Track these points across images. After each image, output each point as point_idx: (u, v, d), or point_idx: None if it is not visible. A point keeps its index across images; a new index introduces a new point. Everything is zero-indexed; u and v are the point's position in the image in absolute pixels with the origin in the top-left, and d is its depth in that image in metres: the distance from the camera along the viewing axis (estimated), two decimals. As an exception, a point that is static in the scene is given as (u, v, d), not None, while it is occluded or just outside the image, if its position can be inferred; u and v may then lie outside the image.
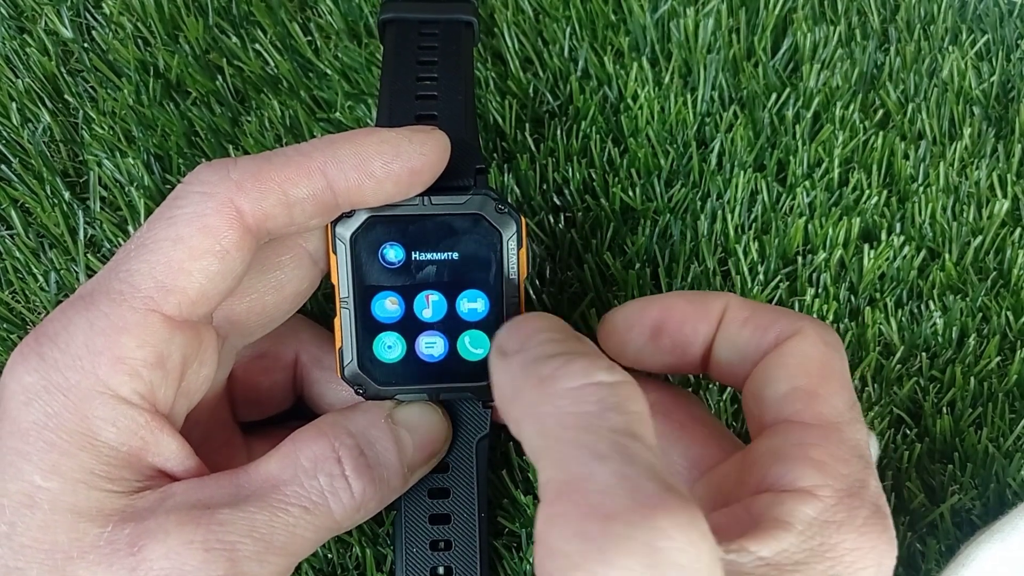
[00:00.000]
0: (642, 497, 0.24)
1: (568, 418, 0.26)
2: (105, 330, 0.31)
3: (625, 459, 0.25)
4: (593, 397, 0.27)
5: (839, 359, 0.31)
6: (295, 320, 0.40)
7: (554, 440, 0.26)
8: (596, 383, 0.27)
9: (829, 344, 0.31)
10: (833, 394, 0.30)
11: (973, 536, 0.41)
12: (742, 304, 0.33)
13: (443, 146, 0.35)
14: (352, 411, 0.36)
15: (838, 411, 0.30)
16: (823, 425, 0.30)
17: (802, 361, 0.31)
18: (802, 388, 0.30)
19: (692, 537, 0.23)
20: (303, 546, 0.33)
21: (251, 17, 0.53)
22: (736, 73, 0.53)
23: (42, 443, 0.31)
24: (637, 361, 0.35)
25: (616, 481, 0.24)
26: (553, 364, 0.28)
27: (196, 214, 0.32)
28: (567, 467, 0.25)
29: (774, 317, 0.32)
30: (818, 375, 0.31)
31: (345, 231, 0.36)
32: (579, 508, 0.24)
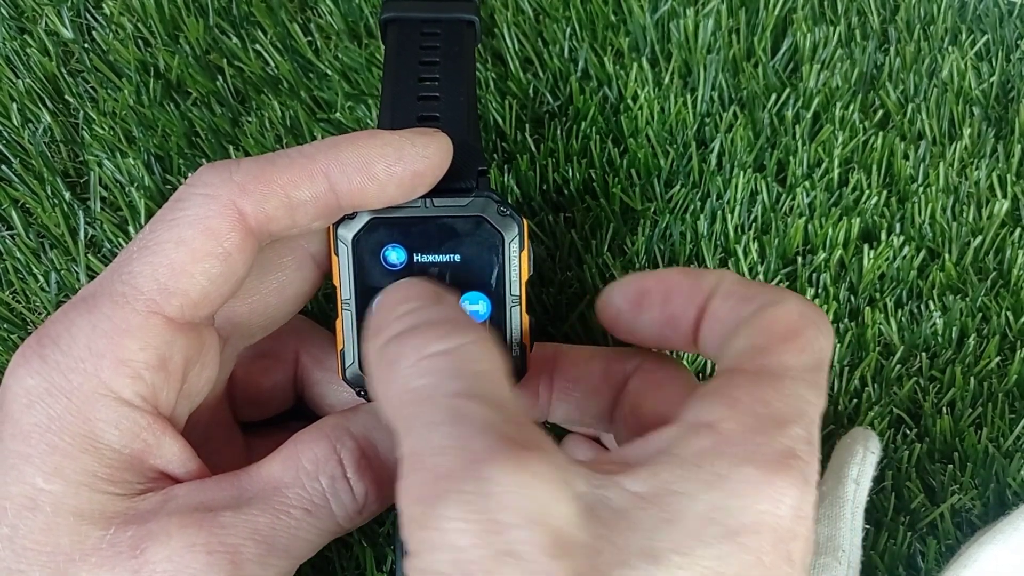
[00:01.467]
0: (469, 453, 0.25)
1: (407, 394, 0.28)
2: (107, 332, 0.31)
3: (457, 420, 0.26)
4: (429, 368, 0.28)
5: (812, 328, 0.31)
6: (296, 321, 0.40)
7: (400, 417, 0.28)
8: (430, 355, 0.28)
9: (805, 315, 0.31)
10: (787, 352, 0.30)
11: (974, 537, 0.41)
12: (735, 279, 0.33)
13: (446, 149, 0.35)
14: (353, 412, 0.36)
15: (785, 366, 0.29)
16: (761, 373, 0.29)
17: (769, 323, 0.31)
18: (757, 345, 0.30)
19: (521, 478, 0.25)
20: (305, 548, 0.33)
21: (251, 18, 0.53)
22: (736, 73, 0.53)
23: (44, 445, 0.31)
24: (630, 333, 0.35)
25: (448, 443, 0.26)
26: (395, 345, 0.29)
27: (198, 216, 0.32)
28: (409, 440, 0.27)
29: (760, 290, 0.32)
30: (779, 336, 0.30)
31: (347, 233, 0.36)
32: (419, 475, 0.26)
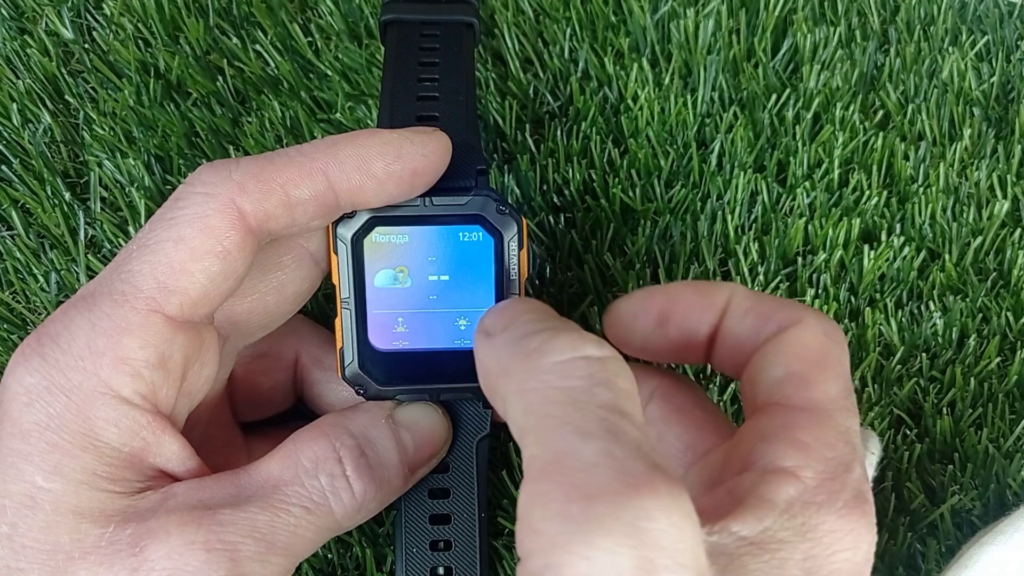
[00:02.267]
0: (627, 477, 0.23)
1: (554, 393, 0.26)
2: (107, 331, 0.31)
3: (611, 437, 0.25)
4: (581, 372, 0.26)
5: (838, 349, 0.31)
6: (296, 320, 0.40)
7: (539, 416, 0.26)
8: (584, 357, 0.27)
9: (829, 335, 0.31)
10: (826, 381, 0.30)
11: (975, 537, 0.41)
12: (746, 294, 0.33)
13: (444, 147, 0.35)
14: (353, 411, 0.36)
15: (830, 397, 0.30)
16: (812, 409, 0.29)
17: (800, 348, 0.31)
18: (796, 373, 0.30)
19: (676, 518, 0.23)
20: (304, 546, 0.33)
21: (251, 18, 0.53)
22: (736, 74, 0.53)
23: (44, 444, 0.31)
24: (642, 350, 0.35)
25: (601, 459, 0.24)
26: (540, 338, 0.28)
27: (198, 215, 0.32)
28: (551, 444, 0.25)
29: (777, 307, 0.32)
30: (814, 362, 0.30)
31: (346, 232, 0.36)
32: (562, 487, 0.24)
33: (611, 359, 0.27)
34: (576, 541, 0.23)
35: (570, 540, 0.23)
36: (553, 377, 0.26)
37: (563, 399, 0.26)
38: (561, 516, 0.23)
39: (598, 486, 0.23)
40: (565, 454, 0.24)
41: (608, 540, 0.22)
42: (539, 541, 0.23)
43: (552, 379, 0.26)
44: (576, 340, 0.27)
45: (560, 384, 0.26)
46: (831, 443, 0.29)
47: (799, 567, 0.27)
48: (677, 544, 0.23)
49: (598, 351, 0.27)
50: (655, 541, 0.23)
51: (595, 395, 0.26)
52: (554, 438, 0.25)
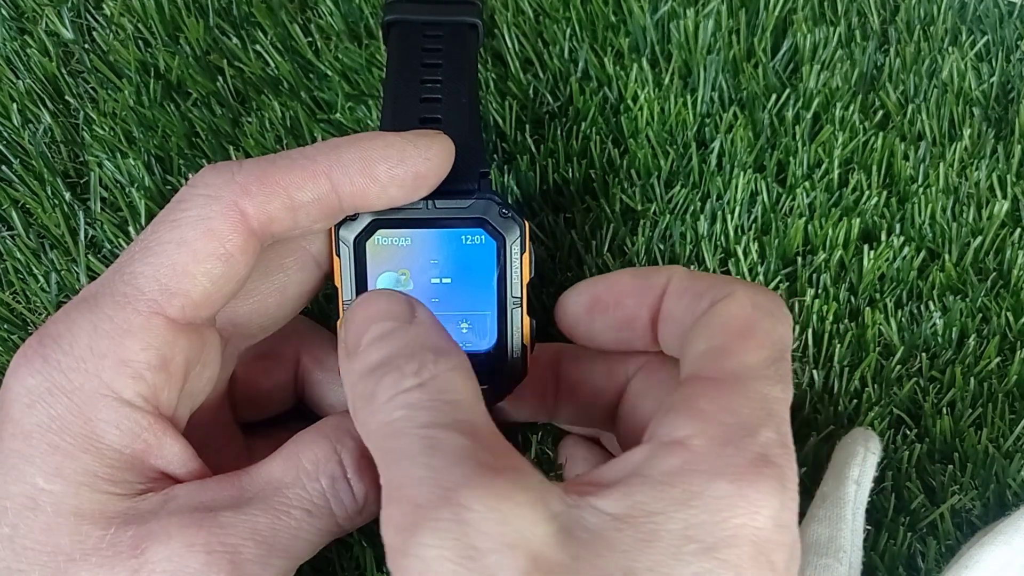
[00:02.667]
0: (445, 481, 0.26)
1: (384, 428, 0.29)
2: (109, 333, 0.31)
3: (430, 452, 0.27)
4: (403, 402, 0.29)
5: (767, 320, 0.31)
6: (297, 321, 0.40)
7: (379, 450, 0.29)
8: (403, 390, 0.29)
9: (758, 306, 0.31)
10: (746, 351, 0.30)
11: (975, 538, 0.41)
12: (684, 274, 0.34)
13: (447, 151, 0.35)
14: None
15: (746, 366, 0.30)
16: (723, 379, 0.29)
17: (722, 321, 0.31)
18: (716, 346, 0.30)
19: (495, 503, 0.25)
20: (305, 548, 0.33)
21: (252, 18, 0.53)
22: (736, 74, 0.53)
23: (45, 445, 0.31)
24: (589, 339, 0.36)
25: (424, 473, 0.27)
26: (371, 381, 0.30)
27: (200, 217, 0.32)
28: (388, 472, 0.28)
29: (710, 284, 0.33)
30: (735, 333, 0.30)
31: (349, 234, 0.36)
32: (398, 505, 0.27)
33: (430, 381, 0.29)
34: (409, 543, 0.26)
35: (405, 545, 0.26)
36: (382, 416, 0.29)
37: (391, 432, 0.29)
38: (399, 529, 0.26)
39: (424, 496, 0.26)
40: (398, 478, 0.27)
41: (432, 538, 0.25)
42: (390, 555, 0.27)
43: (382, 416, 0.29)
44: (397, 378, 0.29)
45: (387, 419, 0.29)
46: (733, 409, 0.29)
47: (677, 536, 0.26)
48: (499, 527, 0.25)
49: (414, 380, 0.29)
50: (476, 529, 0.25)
51: (414, 419, 0.28)
52: (390, 467, 0.28)
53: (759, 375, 0.30)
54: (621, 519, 0.27)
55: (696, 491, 0.27)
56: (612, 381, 0.38)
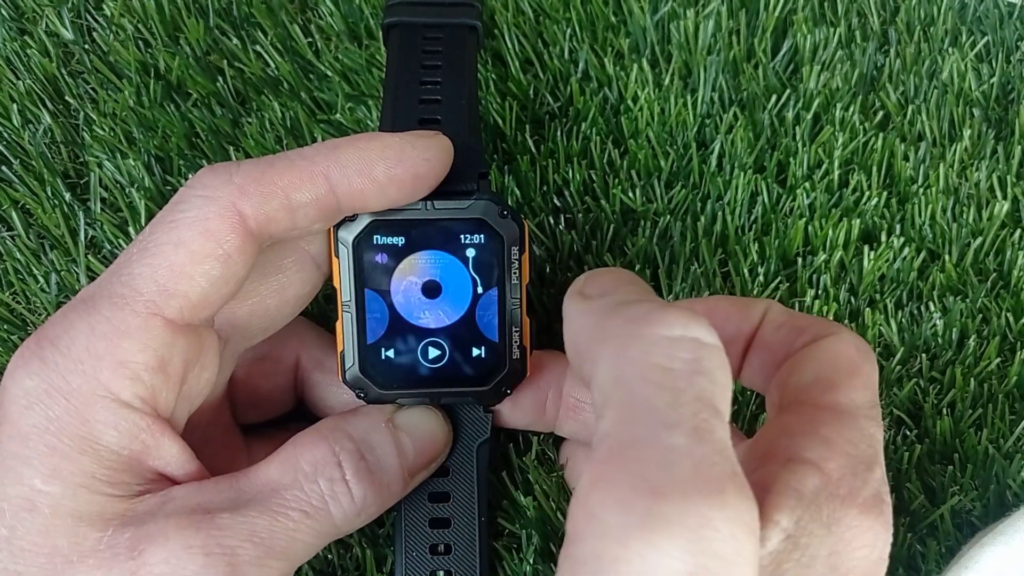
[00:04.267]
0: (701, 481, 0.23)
1: (653, 371, 0.24)
2: (107, 334, 0.31)
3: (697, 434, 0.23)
4: (686, 354, 0.25)
5: (868, 365, 0.31)
6: (296, 323, 0.40)
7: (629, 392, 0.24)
8: (693, 338, 0.25)
9: (861, 350, 0.31)
10: (854, 389, 0.30)
11: (975, 538, 0.41)
12: (782, 309, 0.33)
13: (446, 151, 0.35)
14: (353, 415, 0.36)
15: (856, 404, 0.29)
16: (837, 411, 0.29)
17: (831, 357, 0.31)
18: (825, 378, 0.30)
19: (738, 531, 0.23)
20: (303, 550, 0.33)
21: (252, 19, 0.53)
22: (736, 75, 0.53)
23: (43, 447, 0.31)
24: None
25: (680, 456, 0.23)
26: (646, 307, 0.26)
27: (198, 218, 0.32)
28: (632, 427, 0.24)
29: (812, 321, 0.32)
30: (844, 371, 0.30)
31: (348, 235, 0.36)
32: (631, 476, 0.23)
33: (717, 348, 0.25)
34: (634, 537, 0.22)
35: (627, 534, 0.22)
36: (656, 351, 0.25)
37: (660, 379, 0.24)
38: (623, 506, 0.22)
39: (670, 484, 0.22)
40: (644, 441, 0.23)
41: (668, 542, 0.22)
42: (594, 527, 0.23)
43: (655, 353, 0.25)
44: (687, 318, 0.25)
45: (661, 362, 0.25)
46: (854, 442, 0.28)
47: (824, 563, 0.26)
48: (734, 556, 0.22)
49: (709, 336, 0.25)
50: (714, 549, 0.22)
51: (694, 384, 0.24)
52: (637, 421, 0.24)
53: (867, 415, 0.29)
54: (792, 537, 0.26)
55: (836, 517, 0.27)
56: None
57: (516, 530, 0.43)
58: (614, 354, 0.26)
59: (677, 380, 0.24)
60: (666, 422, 0.23)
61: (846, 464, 0.28)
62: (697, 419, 0.24)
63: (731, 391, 0.25)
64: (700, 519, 0.22)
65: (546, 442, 0.44)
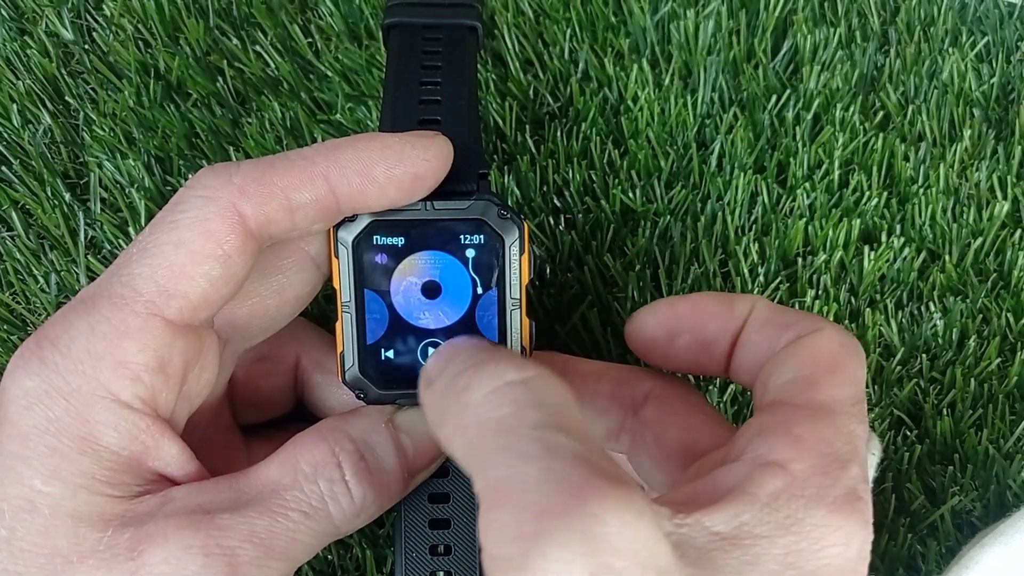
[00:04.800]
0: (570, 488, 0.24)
1: (488, 424, 0.27)
2: (106, 334, 0.31)
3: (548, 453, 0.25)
4: (508, 398, 0.27)
5: (853, 360, 0.31)
6: (296, 323, 0.40)
7: (479, 449, 0.26)
8: (507, 383, 0.28)
9: (845, 345, 0.31)
10: (835, 385, 0.30)
11: (975, 538, 0.41)
12: (769, 305, 0.33)
13: (446, 151, 0.35)
14: (353, 415, 0.36)
15: (835, 400, 0.30)
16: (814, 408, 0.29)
17: (812, 353, 0.31)
18: (805, 376, 0.30)
19: (626, 518, 0.24)
20: (303, 551, 0.33)
21: (252, 19, 0.53)
22: (736, 75, 0.53)
23: (43, 448, 0.31)
24: (663, 359, 0.35)
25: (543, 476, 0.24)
26: (467, 375, 0.29)
27: (198, 218, 0.32)
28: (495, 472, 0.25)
29: (797, 318, 0.32)
30: (825, 367, 0.30)
31: (347, 235, 0.36)
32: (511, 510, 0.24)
33: (534, 379, 0.28)
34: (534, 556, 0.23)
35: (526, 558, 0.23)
36: (484, 410, 0.27)
37: (497, 428, 0.26)
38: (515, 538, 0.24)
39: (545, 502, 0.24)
40: (509, 479, 0.25)
41: (562, 551, 0.23)
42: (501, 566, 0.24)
43: (483, 411, 0.27)
44: (497, 369, 0.28)
45: (491, 415, 0.27)
46: (828, 439, 0.28)
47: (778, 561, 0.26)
48: (632, 544, 0.23)
49: (519, 374, 0.28)
50: (609, 544, 0.23)
51: (525, 418, 0.26)
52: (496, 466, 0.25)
53: (847, 411, 0.29)
54: (729, 540, 0.26)
55: (798, 517, 0.27)
56: (618, 402, 0.37)
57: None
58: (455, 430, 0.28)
59: (510, 422, 0.26)
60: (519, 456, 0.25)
61: (817, 464, 0.28)
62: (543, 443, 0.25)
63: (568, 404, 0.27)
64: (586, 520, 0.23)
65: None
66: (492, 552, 0.24)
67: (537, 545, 0.23)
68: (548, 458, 0.25)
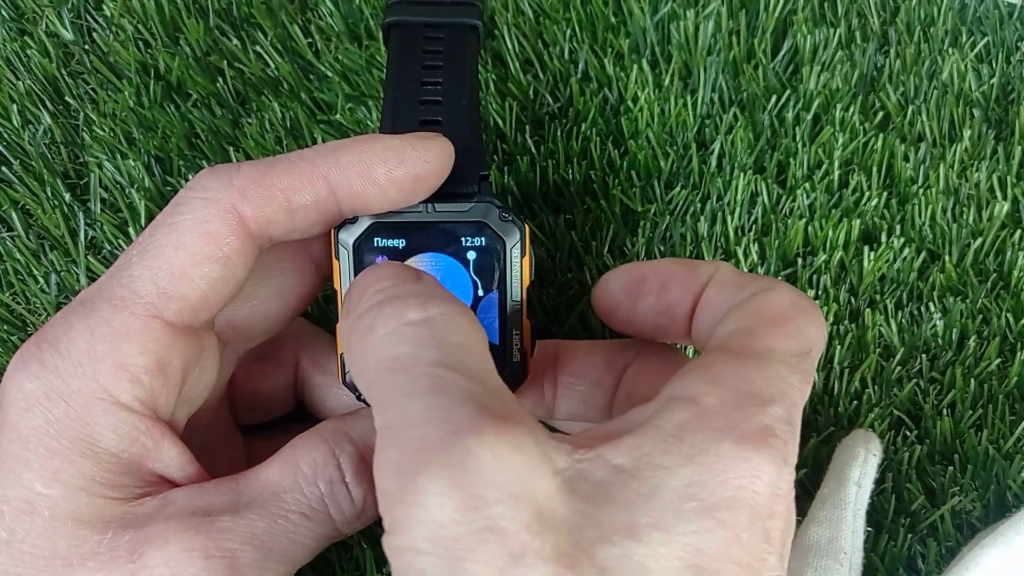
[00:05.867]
0: (451, 424, 0.25)
1: (383, 363, 0.27)
2: (106, 336, 0.31)
3: (437, 391, 0.26)
4: (406, 337, 0.28)
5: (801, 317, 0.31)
6: (297, 324, 0.40)
7: (376, 387, 0.27)
8: (408, 322, 0.28)
9: (796, 304, 0.31)
10: (774, 336, 0.30)
11: (975, 539, 0.41)
12: (730, 270, 0.33)
13: (447, 153, 0.35)
14: (353, 417, 0.36)
15: (771, 348, 0.29)
16: (746, 353, 0.29)
17: (759, 307, 0.31)
18: (746, 327, 0.30)
19: (501, 452, 0.24)
20: (303, 553, 0.33)
21: (252, 19, 0.53)
22: (736, 75, 0.53)
23: (43, 450, 0.31)
24: (626, 323, 0.35)
25: (428, 414, 0.25)
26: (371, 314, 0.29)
27: (198, 220, 0.32)
28: (386, 412, 0.27)
29: (754, 280, 0.32)
30: (768, 320, 0.30)
31: (348, 237, 0.36)
32: (398, 447, 0.25)
33: (437, 317, 0.28)
34: (409, 491, 0.24)
35: (404, 492, 0.24)
36: (383, 350, 0.28)
37: (392, 367, 0.27)
38: (397, 474, 0.25)
39: (426, 439, 0.25)
40: (398, 417, 0.26)
41: (435, 484, 0.24)
42: (385, 502, 0.25)
43: (383, 351, 0.28)
44: (400, 308, 0.28)
45: (388, 353, 0.27)
46: (750, 379, 0.28)
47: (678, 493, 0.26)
48: (505, 476, 0.24)
49: (421, 313, 0.28)
50: (482, 477, 0.24)
51: (420, 356, 0.27)
52: (387, 404, 0.27)
53: (781, 359, 0.29)
54: (627, 471, 0.26)
55: (703, 448, 0.27)
56: (611, 371, 0.37)
57: (516, 531, 0.42)
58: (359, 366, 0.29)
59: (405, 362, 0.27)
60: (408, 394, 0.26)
61: (730, 398, 0.28)
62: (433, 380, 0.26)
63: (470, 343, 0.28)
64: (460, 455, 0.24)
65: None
66: (380, 487, 0.26)
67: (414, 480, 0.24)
68: (435, 394, 0.26)
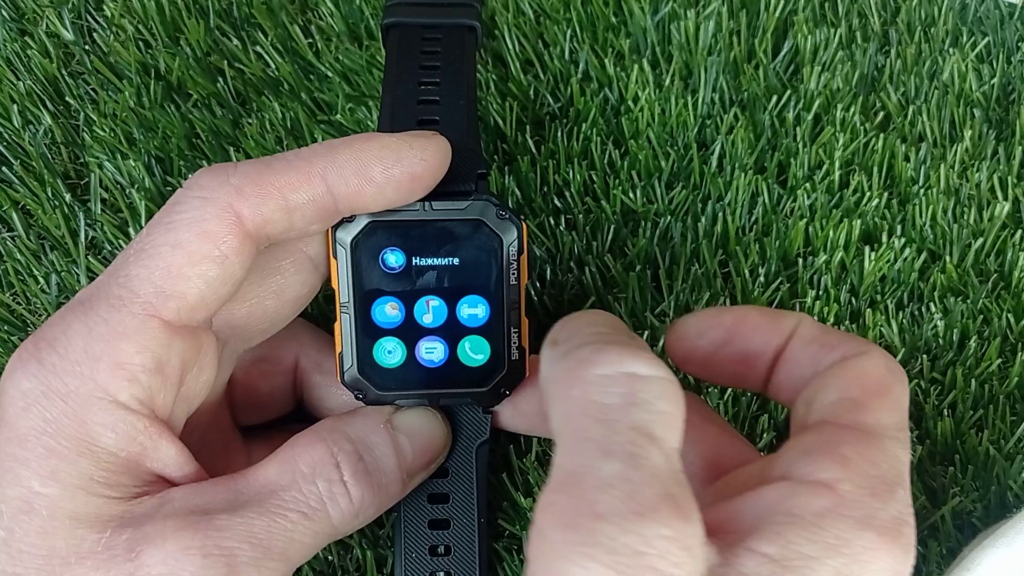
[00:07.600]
0: (636, 503, 0.24)
1: (590, 406, 0.26)
2: (104, 335, 0.31)
3: (632, 460, 0.25)
4: (620, 388, 0.26)
5: (899, 386, 0.30)
6: (295, 324, 0.40)
7: (572, 426, 0.26)
8: (627, 373, 0.27)
9: (892, 371, 0.30)
10: (881, 410, 0.29)
11: (976, 540, 0.41)
12: (814, 324, 0.33)
13: (444, 151, 0.35)
14: (351, 416, 0.36)
15: (882, 424, 0.29)
16: (861, 430, 0.29)
17: (859, 376, 0.30)
18: (851, 398, 0.30)
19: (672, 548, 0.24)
20: (301, 552, 0.33)
21: (252, 19, 0.53)
22: (737, 75, 0.53)
23: (41, 449, 0.31)
24: (703, 371, 0.34)
25: (616, 481, 0.24)
26: (591, 349, 0.28)
27: (195, 219, 0.32)
28: (575, 457, 0.25)
29: (843, 339, 0.32)
30: (872, 391, 0.30)
31: (346, 236, 0.36)
32: (574, 500, 0.24)
33: (656, 379, 0.27)
34: (577, 552, 0.23)
35: (572, 550, 0.24)
36: (593, 389, 0.27)
37: (596, 413, 0.26)
38: (567, 527, 0.24)
39: (607, 506, 0.24)
40: (585, 469, 0.25)
41: (606, 557, 0.23)
42: (543, 547, 0.24)
43: (592, 391, 0.27)
44: (624, 355, 0.27)
45: (597, 398, 0.26)
46: (876, 462, 0.28)
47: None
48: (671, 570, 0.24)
49: (645, 369, 0.27)
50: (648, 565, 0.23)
51: (629, 415, 0.26)
52: (579, 451, 0.26)
53: (892, 436, 0.29)
54: (778, 562, 0.26)
55: (847, 538, 0.26)
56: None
57: (516, 531, 0.42)
58: (562, 395, 0.27)
59: (611, 413, 0.26)
60: (603, 451, 0.25)
61: (864, 485, 0.27)
62: (632, 447, 0.25)
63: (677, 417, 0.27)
64: (635, 538, 0.23)
65: (547, 443, 0.44)
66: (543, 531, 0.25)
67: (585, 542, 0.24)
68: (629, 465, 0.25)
